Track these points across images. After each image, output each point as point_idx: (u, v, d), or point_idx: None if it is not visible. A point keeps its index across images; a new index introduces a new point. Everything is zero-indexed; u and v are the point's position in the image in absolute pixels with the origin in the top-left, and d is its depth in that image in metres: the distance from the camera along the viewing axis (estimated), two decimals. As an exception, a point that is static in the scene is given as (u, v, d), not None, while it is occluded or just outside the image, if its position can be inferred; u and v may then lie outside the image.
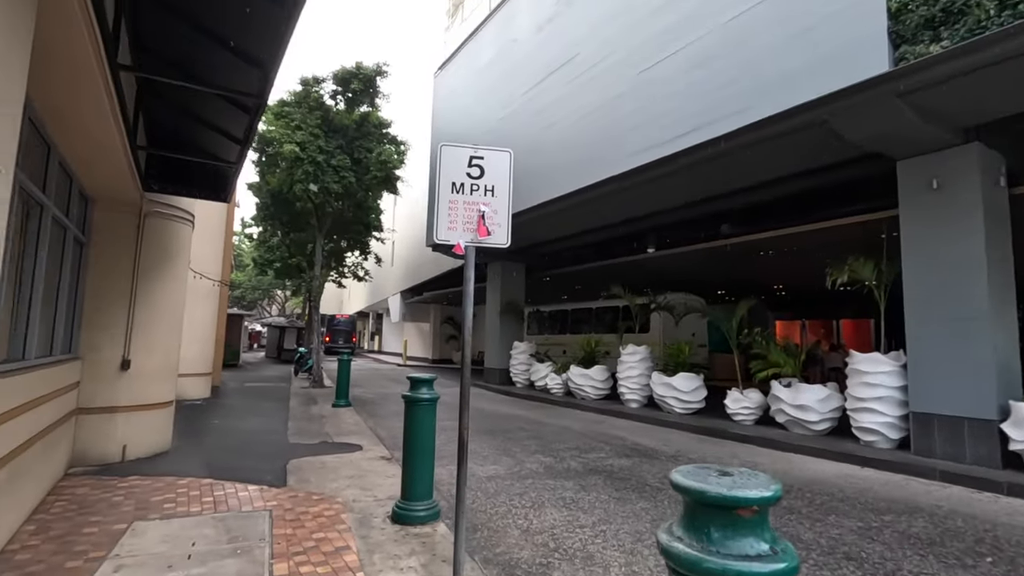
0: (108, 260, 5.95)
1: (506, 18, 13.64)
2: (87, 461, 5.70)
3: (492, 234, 3.13)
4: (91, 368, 5.79)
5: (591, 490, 5.43)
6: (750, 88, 7.21)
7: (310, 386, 14.71)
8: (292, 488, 5.14)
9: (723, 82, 7.59)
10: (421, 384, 4.42)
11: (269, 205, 16.84)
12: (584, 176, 10.27)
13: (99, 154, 4.48)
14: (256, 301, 42.99)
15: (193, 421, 8.67)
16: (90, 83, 3.23)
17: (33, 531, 3.87)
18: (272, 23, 3.27)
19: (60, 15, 2.54)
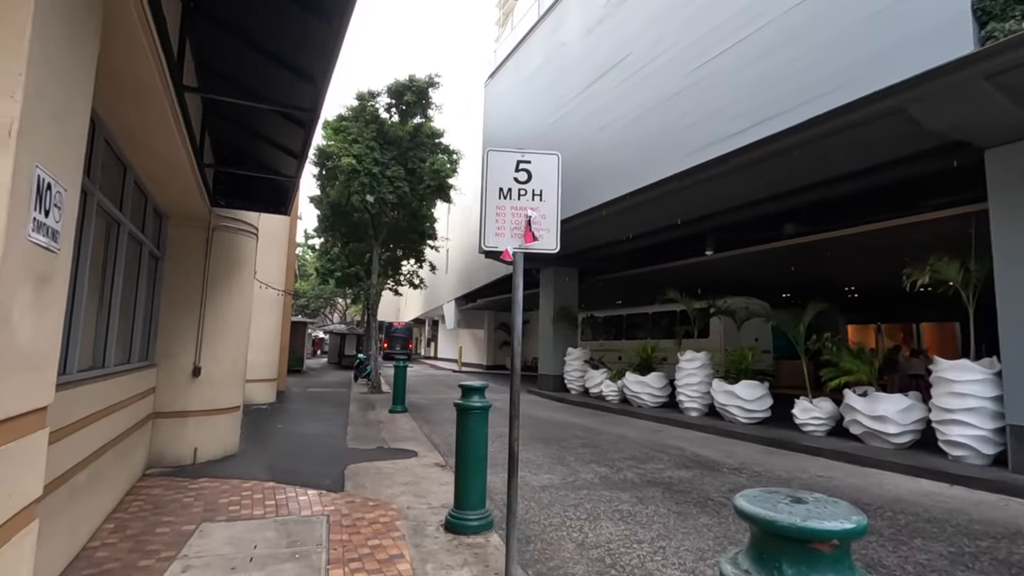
0: (180, 273, 6.30)
1: (555, 23, 13.59)
2: (163, 462, 6.03)
3: (540, 239, 3.05)
4: (165, 375, 6.13)
5: (649, 503, 5.22)
6: (818, 77, 6.79)
7: (368, 391, 15.09)
8: (349, 493, 5.22)
9: (789, 73, 7.20)
10: (473, 392, 4.38)
11: (329, 217, 17.47)
12: (638, 178, 10.02)
13: (169, 172, 4.74)
14: (319, 309, 44.73)
15: (259, 425, 9.04)
16: (158, 105, 3.41)
17: (112, 529, 4.10)
18: (322, 39, 3.34)
19: (127, 42, 2.68)
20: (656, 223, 12.34)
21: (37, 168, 1.55)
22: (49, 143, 1.62)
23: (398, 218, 15.79)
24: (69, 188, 1.81)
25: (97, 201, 3.72)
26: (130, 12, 2.47)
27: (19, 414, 1.58)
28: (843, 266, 13.86)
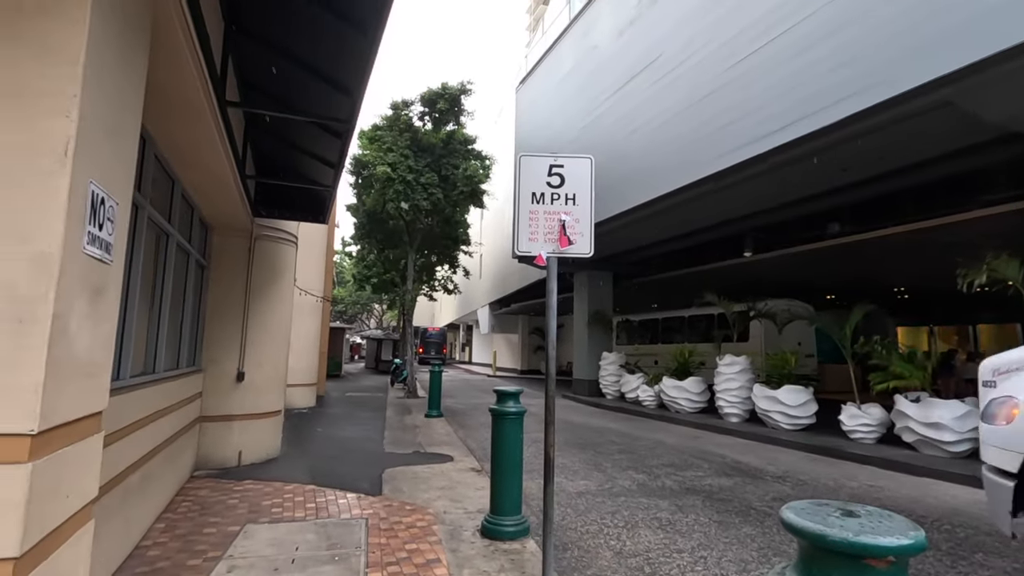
0: (225, 281, 6.53)
1: (586, 26, 13.54)
2: (209, 465, 6.24)
3: (574, 244, 3.03)
4: (211, 380, 6.35)
5: (688, 511, 5.11)
6: (865, 70, 6.51)
7: (405, 396, 15.28)
8: (387, 497, 5.29)
9: (827, 68, 6.97)
10: (507, 397, 4.38)
11: (365, 224, 17.83)
12: (672, 180, 9.87)
13: (214, 185, 4.92)
14: (356, 315, 45.63)
15: (300, 429, 9.26)
16: (203, 121, 3.54)
17: (163, 529, 4.26)
18: (357, 50, 3.41)
19: (174, 61, 2.80)
20: (692, 225, 12.12)
21: (91, 184, 1.63)
22: (102, 160, 1.71)
23: (432, 224, 15.98)
24: (121, 202, 1.90)
25: (148, 214, 3.89)
26: (176, 32, 2.58)
27: (76, 419, 1.66)
28: (891, 266, 13.29)
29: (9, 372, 1.39)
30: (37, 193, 1.45)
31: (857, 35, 6.68)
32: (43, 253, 1.44)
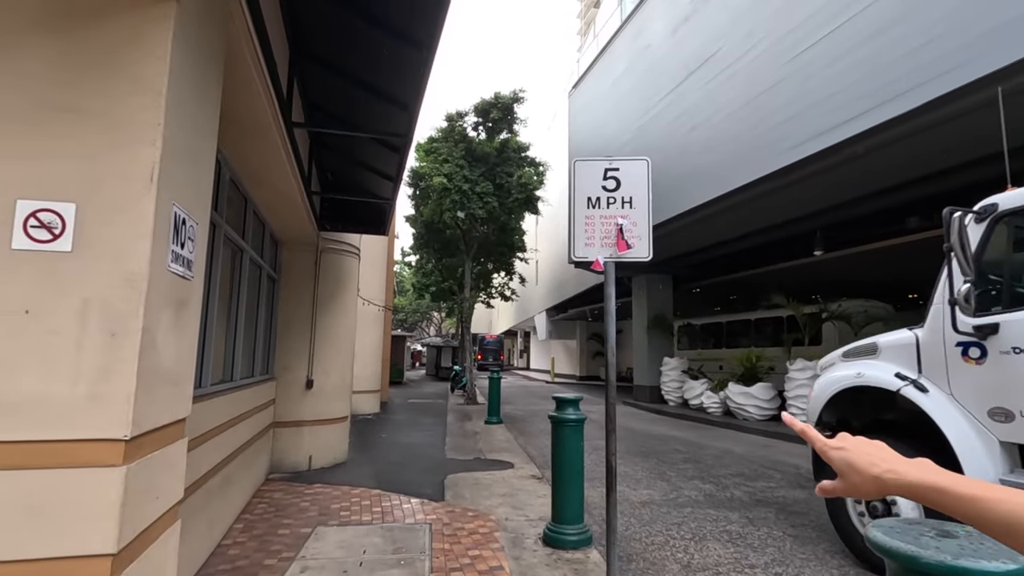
0: (294, 293, 6.86)
1: (638, 26, 13.34)
2: (282, 468, 6.54)
3: (632, 247, 2.97)
4: (283, 387, 6.67)
5: (760, 524, 4.86)
6: (953, 48, 5.99)
7: (464, 403, 15.47)
8: (449, 503, 5.35)
9: (903, 52, 6.50)
10: (567, 404, 4.34)
11: (423, 234, 18.27)
12: (734, 178, 9.51)
13: (283, 202, 5.18)
14: (416, 323, 46.75)
15: (365, 434, 9.56)
16: (272, 142, 3.75)
17: (241, 529, 4.49)
18: (413, 66, 3.51)
19: (244, 87, 2.98)
20: (756, 224, 11.61)
21: (174, 205, 1.76)
22: (183, 182, 1.84)
23: (488, 232, 16.16)
24: (200, 222, 2.03)
25: (224, 232, 4.15)
26: (246, 61, 2.74)
27: (163, 425, 1.79)
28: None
29: (104, 382, 1.51)
30: (128, 216, 1.58)
31: (938, 15, 6.20)
32: (133, 271, 1.57)
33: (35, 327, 1.49)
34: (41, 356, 1.49)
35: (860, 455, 0.69)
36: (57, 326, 1.50)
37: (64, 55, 1.56)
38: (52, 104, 1.55)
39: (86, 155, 1.56)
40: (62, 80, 1.56)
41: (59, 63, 1.56)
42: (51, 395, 1.48)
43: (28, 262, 1.49)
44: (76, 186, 1.54)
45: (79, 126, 1.56)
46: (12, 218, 1.49)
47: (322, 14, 3.56)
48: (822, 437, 0.75)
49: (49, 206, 1.51)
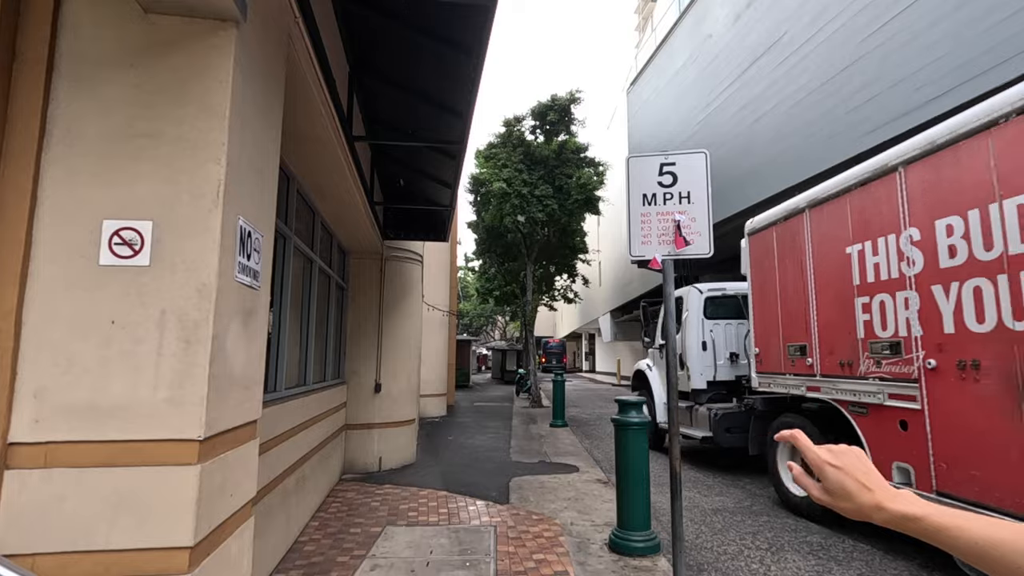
0: (361, 300, 7.13)
1: (698, 16, 12.91)
2: (354, 469, 6.80)
3: (691, 244, 2.86)
4: (353, 391, 6.94)
5: (845, 535, 4.53)
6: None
7: (529, 406, 15.47)
8: (514, 506, 5.36)
9: (1003, 16, 5.91)
10: (630, 407, 4.24)
11: (485, 239, 18.49)
12: (806, 167, 8.97)
13: (347, 213, 5.40)
14: (481, 327, 47.36)
15: (432, 437, 9.77)
16: (334, 156, 3.92)
17: (316, 527, 4.70)
18: (464, 73, 3.56)
19: (306, 106, 3.14)
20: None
21: (240, 219, 1.88)
22: (247, 198, 1.96)
23: (549, 235, 16.13)
24: (265, 234, 2.16)
25: (294, 244, 4.38)
26: (306, 79, 2.88)
27: (235, 427, 1.91)
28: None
29: (180, 387, 1.64)
30: (198, 231, 1.71)
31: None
32: (204, 282, 1.68)
33: (121, 337, 1.63)
34: (127, 364, 1.63)
35: (852, 481, 0.70)
36: (140, 335, 1.64)
37: (138, 86, 1.71)
38: (130, 131, 1.70)
39: (160, 176, 1.70)
40: (138, 108, 1.71)
41: (135, 93, 1.71)
42: (136, 399, 1.62)
43: (113, 277, 1.64)
44: (152, 205, 1.68)
45: (154, 150, 1.70)
46: (99, 237, 1.64)
47: (377, 29, 3.69)
48: (815, 448, 0.74)
49: (130, 224, 1.65)
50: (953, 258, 3.46)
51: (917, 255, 3.73)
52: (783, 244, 5.40)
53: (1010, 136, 3.09)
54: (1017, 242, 3.01)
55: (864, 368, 4.24)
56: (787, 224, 5.33)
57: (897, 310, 3.92)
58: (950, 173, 3.49)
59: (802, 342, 5.09)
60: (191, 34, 1.75)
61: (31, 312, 1.60)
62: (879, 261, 4.10)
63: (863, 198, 4.29)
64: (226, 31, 1.77)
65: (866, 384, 4.22)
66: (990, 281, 3.19)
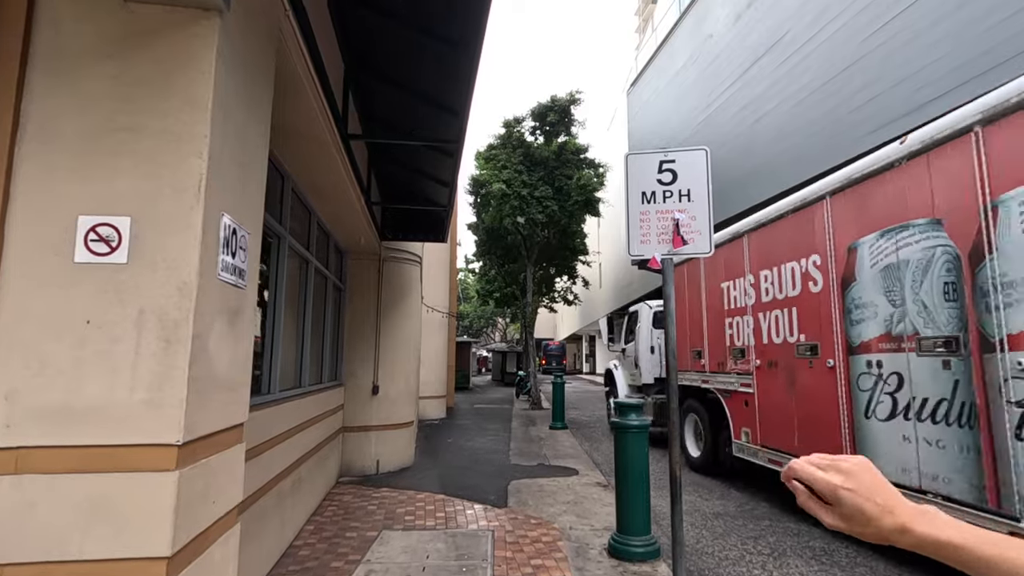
0: (358, 301, 7.06)
1: (699, 16, 12.87)
2: (352, 472, 6.73)
3: (690, 243, 2.79)
4: (350, 393, 6.87)
5: (849, 540, 4.46)
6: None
7: (529, 408, 15.39)
8: (512, 510, 5.29)
9: (1008, 13, 5.85)
10: (629, 410, 4.16)
11: (485, 241, 18.43)
12: (808, 167, 8.91)
13: (344, 213, 5.34)
14: (481, 329, 47.27)
15: (431, 439, 9.70)
16: (329, 155, 3.86)
17: (312, 530, 4.63)
18: (460, 69, 3.51)
19: (299, 103, 3.08)
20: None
21: (223, 216, 1.82)
22: (232, 192, 1.90)
23: (549, 236, 16.07)
24: (252, 232, 2.09)
25: (289, 244, 4.32)
26: (298, 74, 2.82)
27: (218, 431, 1.84)
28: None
29: (158, 389, 1.57)
30: (180, 227, 1.64)
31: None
32: (185, 280, 1.62)
33: (97, 337, 1.57)
34: (103, 365, 1.56)
35: (871, 504, 0.63)
36: (116, 335, 1.57)
37: (118, 78, 1.65)
38: (110, 124, 1.64)
39: (140, 171, 1.64)
40: (117, 101, 1.65)
41: (114, 85, 1.65)
42: (112, 402, 1.55)
43: (89, 274, 1.58)
44: (131, 200, 1.62)
45: (133, 144, 1.64)
46: (75, 233, 1.58)
47: (373, 27, 3.64)
48: (823, 475, 0.66)
49: (107, 220, 1.59)
50: (767, 296, 5.46)
51: (752, 292, 5.73)
52: (688, 277, 7.30)
53: (794, 221, 5.06)
54: (790, 289, 5.06)
55: (728, 366, 6.21)
56: (689, 263, 7.29)
57: (743, 328, 5.89)
58: (768, 241, 5.51)
59: (698, 348, 6.98)
60: (172, 23, 1.69)
61: (1, 312, 1.54)
62: (736, 294, 6.05)
63: (728, 251, 6.21)
64: (209, 20, 1.71)
65: (729, 377, 6.20)
66: (781, 312, 5.20)
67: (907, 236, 3.67)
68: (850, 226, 4.24)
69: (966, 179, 3.20)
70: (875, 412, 3.98)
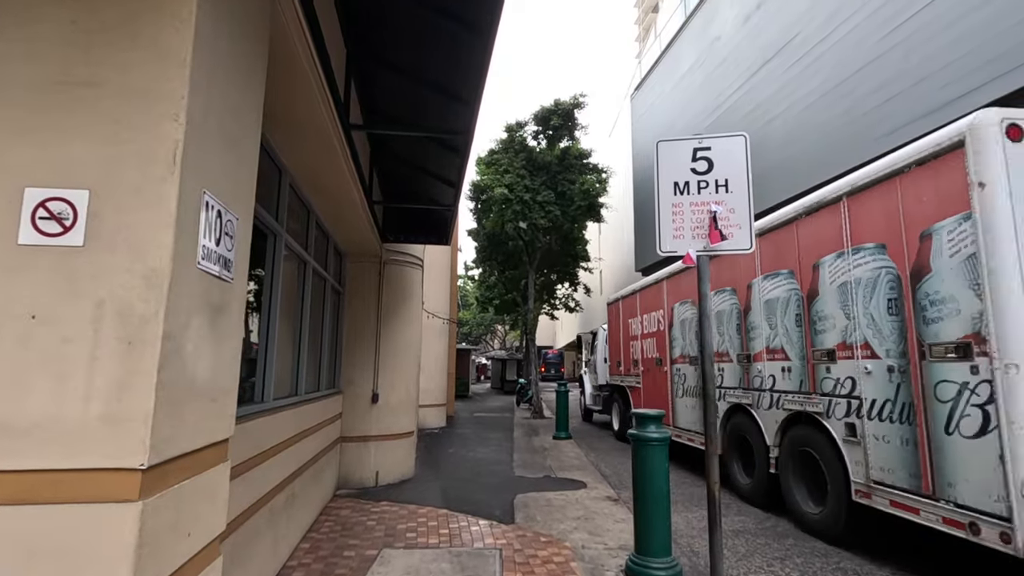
0: (358, 306, 6.78)
1: (705, 19, 12.70)
2: (350, 484, 6.41)
3: (730, 238, 2.52)
4: (349, 401, 6.57)
5: (884, 562, 4.16)
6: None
7: (531, 416, 15.07)
8: (519, 526, 4.99)
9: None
10: (648, 421, 3.87)
11: (486, 247, 18.19)
12: (821, 170, 8.68)
13: (345, 211, 5.07)
14: (481, 336, 46.89)
15: (432, 449, 9.38)
16: (329, 145, 3.59)
17: (307, 549, 4.32)
18: (472, 54, 3.25)
19: (300, 86, 2.82)
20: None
21: (205, 194, 1.54)
22: (217, 169, 1.62)
23: (551, 242, 15.84)
24: (241, 216, 1.81)
25: (286, 242, 4.04)
26: (298, 54, 2.57)
27: (196, 449, 1.55)
28: None
29: (118, 400, 1.29)
30: (149, 202, 1.37)
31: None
32: (154, 268, 1.34)
33: (44, 335, 1.29)
34: (51, 370, 1.28)
35: None
36: (69, 333, 1.29)
37: (76, 23, 1.38)
38: (64, 78, 1.36)
39: (101, 134, 1.36)
40: (75, 50, 1.38)
41: (72, 31, 1.38)
42: (61, 416, 1.27)
43: (36, 259, 1.30)
44: (90, 169, 1.34)
45: (94, 102, 1.37)
46: (19, 209, 1.30)
47: (376, 6, 3.38)
48: None
49: (60, 194, 1.31)
50: (647, 327, 8.93)
51: (639, 326, 9.29)
52: (614, 312, 10.97)
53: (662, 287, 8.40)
54: (656, 325, 8.44)
55: (632, 371, 9.66)
56: (615, 304, 10.94)
57: (637, 349, 9.40)
58: (648, 295, 8.95)
59: (619, 360, 10.53)
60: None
61: (-73, 304, 1.26)
62: (636, 327, 9.50)
63: (639, 298, 9.48)
64: (189, -42, 1.44)
65: (631, 378, 9.68)
66: (652, 340, 8.62)
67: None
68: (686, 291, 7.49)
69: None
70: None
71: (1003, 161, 3.24)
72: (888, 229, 3.97)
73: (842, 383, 4.46)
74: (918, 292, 3.69)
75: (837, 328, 4.51)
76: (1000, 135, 3.28)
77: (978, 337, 3.23)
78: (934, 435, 3.53)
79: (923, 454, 3.61)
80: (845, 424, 4.38)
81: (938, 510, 3.47)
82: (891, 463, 3.91)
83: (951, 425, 3.40)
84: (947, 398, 3.43)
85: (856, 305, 4.28)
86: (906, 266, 3.81)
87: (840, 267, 4.48)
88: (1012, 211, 3.17)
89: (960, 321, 3.36)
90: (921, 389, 3.65)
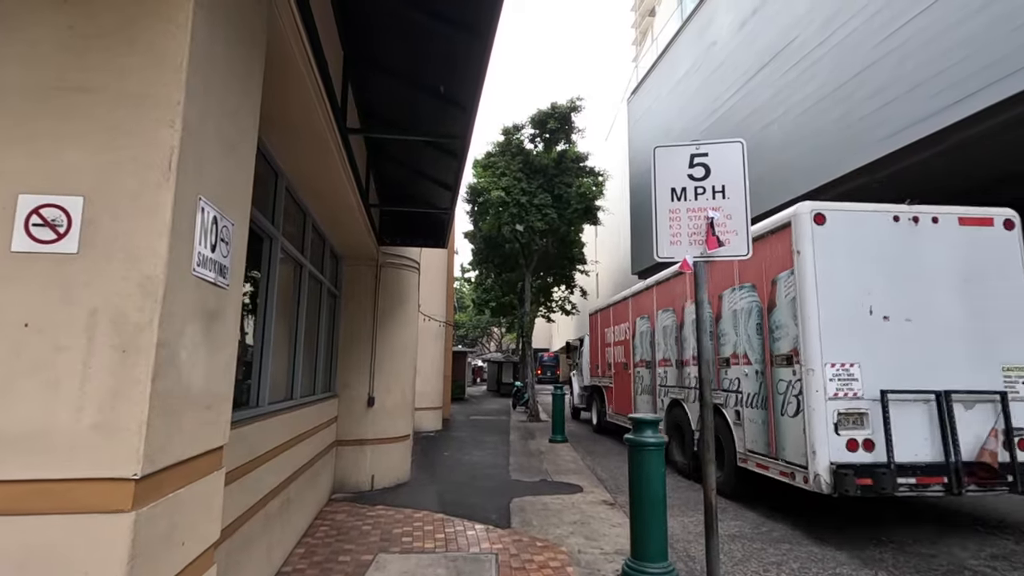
0: (354, 309, 6.75)
1: (702, 24, 12.76)
2: (345, 488, 6.38)
3: (727, 244, 2.53)
4: (344, 405, 6.54)
5: (876, 566, 4.17)
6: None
7: (527, 419, 15.05)
8: (516, 531, 4.98)
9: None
10: (645, 426, 3.86)
11: (483, 249, 18.18)
12: (816, 176, 8.73)
13: (341, 214, 5.05)
14: (477, 339, 46.84)
15: (427, 453, 9.35)
16: (326, 149, 3.58)
17: (302, 554, 4.30)
18: (471, 58, 3.25)
19: (296, 90, 2.81)
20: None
21: (201, 200, 1.53)
22: (213, 176, 1.61)
23: (547, 245, 15.85)
24: (237, 223, 1.80)
25: (282, 246, 4.02)
26: (295, 58, 2.56)
27: (190, 457, 1.54)
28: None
29: (112, 409, 1.27)
30: (145, 209, 1.35)
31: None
32: (148, 275, 1.33)
33: (37, 343, 1.27)
34: (43, 378, 1.27)
35: None
36: (62, 342, 1.28)
37: (73, 28, 1.37)
38: (60, 83, 1.35)
39: (97, 141, 1.35)
40: (71, 56, 1.37)
41: (68, 36, 1.37)
42: (53, 426, 1.25)
43: (29, 266, 1.29)
44: (84, 176, 1.33)
45: (89, 107, 1.36)
46: (13, 216, 1.29)
47: (373, 9, 3.38)
48: None
49: (54, 200, 1.30)
50: (617, 336, 10.79)
51: (612, 335, 11.05)
52: (594, 322, 12.59)
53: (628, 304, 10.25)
54: (624, 335, 10.32)
55: (607, 373, 11.34)
56: (595, 315, 12.57)
57: (610, 354, 11.18)
58: (619, 310, 10.80)
59: (598, 363, 12.16)
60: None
61: (-82, 312, 1.24)
62: (610, 336, 11.11)
63: (612, 311, 11.17)
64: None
65: (606, 379, 11.48)
66: (621, 347, 10.51)
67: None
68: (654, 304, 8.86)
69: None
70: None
71: (811, 237, 4.84)
72: (756, 274, 5.66)
73: (733, 382, 6.12)
74: (771, 320, 5.36)
75: (730, 343, 6.17)
76: (809, 220, 4.86)
77: (796, 351, 4.92)
78: (775, 416, 5.27)
79: (771, 429, 5.34)
80: (735, 411, 6.06)
81: (778, 466, 5.20)
82: (756, 436, 5.64)
83: (783, 409, 5.13)
84: (782, 391, 5.16)
85: (740, 326, 5.97)
86: (764, 301, 5.50)
87: (733, 298, 6.15)
88: (815, 270, 4.79)
89: (789, 340, 5.05)
90: (771, 385, 5.36)
